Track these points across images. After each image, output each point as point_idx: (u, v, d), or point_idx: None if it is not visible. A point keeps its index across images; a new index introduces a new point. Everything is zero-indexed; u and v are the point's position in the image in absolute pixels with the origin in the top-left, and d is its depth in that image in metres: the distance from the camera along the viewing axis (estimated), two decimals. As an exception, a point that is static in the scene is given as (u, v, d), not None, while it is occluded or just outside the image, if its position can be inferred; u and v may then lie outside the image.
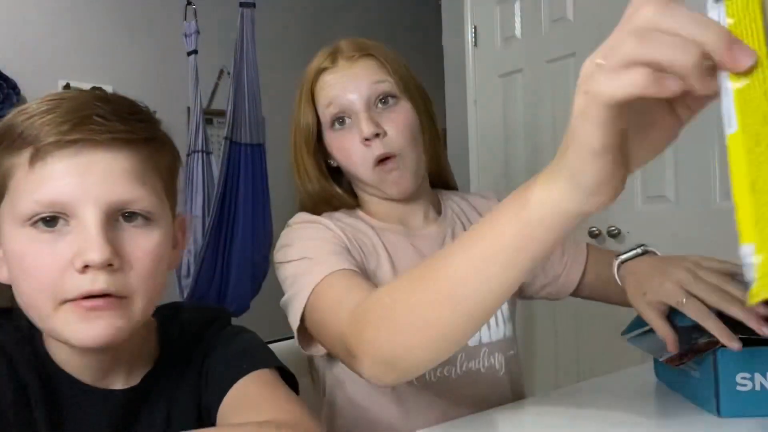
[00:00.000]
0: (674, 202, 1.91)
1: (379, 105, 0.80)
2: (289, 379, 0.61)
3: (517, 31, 2.43)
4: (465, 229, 0.88)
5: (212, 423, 0.57)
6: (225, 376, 0.58)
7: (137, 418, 0.58)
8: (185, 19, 2.50)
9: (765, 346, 0.62)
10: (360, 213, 0.87)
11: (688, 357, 0.64)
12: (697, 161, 1.84)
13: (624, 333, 0.79)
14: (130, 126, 0.53)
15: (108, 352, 0.56)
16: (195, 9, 2.47)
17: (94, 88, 2.82)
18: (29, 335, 0.56)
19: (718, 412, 0.63)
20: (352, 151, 0.80)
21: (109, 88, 2.86)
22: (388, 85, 0.80)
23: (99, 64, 2.87)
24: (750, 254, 0.32)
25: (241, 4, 2.38)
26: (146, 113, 0.58)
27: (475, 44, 2.60)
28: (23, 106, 0.53)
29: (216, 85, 3.12)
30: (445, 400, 0.80)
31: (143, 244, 0.52)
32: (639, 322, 0.75)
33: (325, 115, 0.82)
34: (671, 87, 0.35)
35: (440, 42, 2.78)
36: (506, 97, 2.49)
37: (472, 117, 2.61)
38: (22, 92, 2.67)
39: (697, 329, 0.65)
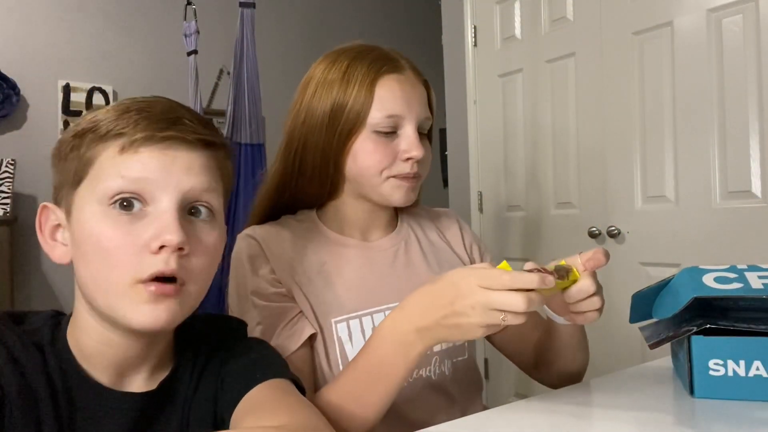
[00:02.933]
0: (674, 202, 1.91)
1: (418, 134, 0.84)
2: (302, 391, 0.63)
3: (517, 31, 2.43)
4: (418, 240, 0.92)
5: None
6: (240, 384, 0.60)
7: (153, 423, 0.59)
8: (185, 19, 2.50)
9: (736, 336, 0.68)
10: (316, 219, 0.88)
11: (665, 341, 0.72)
12: (697, 161, 1.84)
13: (632, 321, 0.81)
14: (210, 131, 0.59)
15: (139, 347, 0.58)
16: (195, 9, 2.47)
17: (93, 88, 2.83)
18: (50, 334, 0.58)
19: (692, 394, 0.70)
20: (384, 158, 0.81)
21: (109, 88, 2.86)
22: (428, 122, 0.86)
23: (99, 64, 2.87)
24: None
25: (241, 4, 2.38)
26: (214, 125, 0.63)
27: (475, 44, 2.60)
28: (106, 107, 0.58)
29: (216, 85, 3.12)
30: (397, 406, 0.78)
31: (206, 237, 0.58)
32: (638, 307, 0.77)
33: (379, 119, 0.80)
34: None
35: (440, 42, 2.78)
36: (506, 97, 2.49)
37: (472, 117, 2.61)
38: (22, 92, 2.67)
39: (677, 322, 0.72)
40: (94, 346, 0.57)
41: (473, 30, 2.60)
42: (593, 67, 2.14)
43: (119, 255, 0.53)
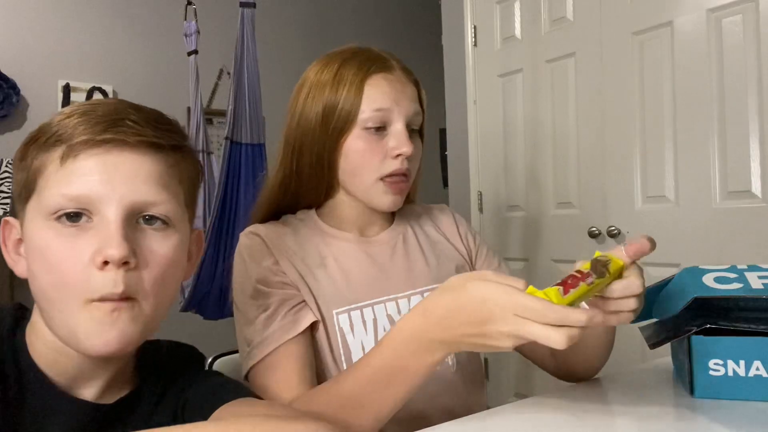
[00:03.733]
0: (674, 202, 1.91)
1: (410, 131, 0.85)
2: None
3: (517, 31, 2.44)
4: (415, 234, 0.93)
5: None
6: (206, 403, 0.58)
7: None
8: (185, 19, 2.50)
9: (736, 336, 0.68)
10: (315, 217, 0.89)
11: (665, 341, 0.72)
12: (697, 161, 1.84)
13: (633, 321, 0.81)
14: (158, 133, 0.55)
15: (93, 363, 0.56)
16: (195, 9, 2.47)
17: (94, 88, 2.83)
18: (10, 329, 0.57)
19: (692, 393, 0.70)
20: (373, 157, 0.83)
21: (109, 88, 2.86)
22: (420, 119, 0.87)
23: (99, 64, 2.87)
24: None
25: (241, 4, 2.38)
26: (174, 124, 0.59)
27: (475, 44, 2.60)
28: (61, 110, 0.56)
29: (216, 85, 3.12)
30: None
31: (160, 247, 0.54)
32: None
33: (369, 115, 0.82)
34: None
35: (440, 42, 2.78)
36: (506, 97, 2.49)
37: (472, 117, 2.61)
38: (22, 92, 2.67)
39: (677, 322, 0.72)
40: (50, 354, 0.56)
41: (473, 30, 2.60)
42: (593, 67, 2.14)
43: (67, 270, 0.51)
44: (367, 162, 0.83)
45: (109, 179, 0.52)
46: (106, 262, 0.50)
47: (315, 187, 0.87)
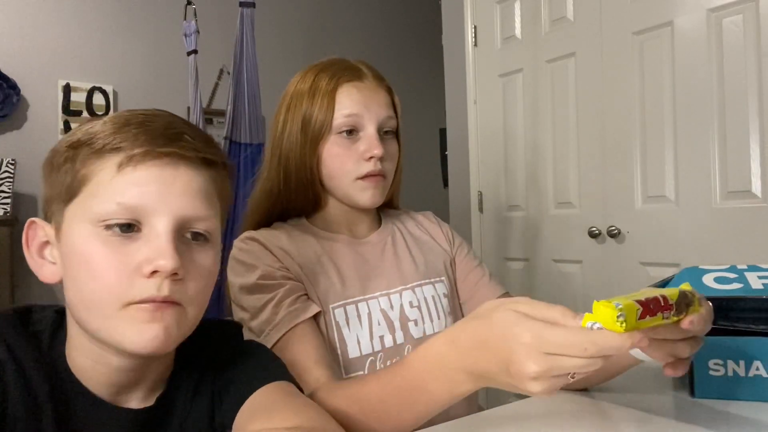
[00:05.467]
0: (674, 202, 1.91)
1: (383, 135, 0.90)
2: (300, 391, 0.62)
3: (517, 31, 2.43)
4: (402, 235, 0.99)
5: None
6: (241, 389, 0.59)
7: None
8: (185, 19, 2.50)
9: (736, 336, 0.68)
10: (306, 223, 0.93)
11: None
12: (697, 161, 1.84)
13: None
14: (211, 149, 0.57)
15: (136, 369, 0.56)
16: (195, 9, 2.47)
17: (94, 88, 2.83)
18: (49, 342, 0.56)
19: (692, 394, 0.70)
20: (349, 160, 0.88)
21: (109, 88, 2.86)
22: (394, 122, 0.92)
23: (99, 64, 2.87)
24: None
25: (241, 4, 2.38)
26: (217, 143, 0.61)
27: (475, 44, 2.60)
28: (103, 118, 0.56)
29: (216, 85, 3.12)
30: None
31: (202, 260, 0.56)
32: None
33: (341, 122, 0.87)
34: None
35: (440, 42, 2.78)
36: (506, 97, 2.49)
37: (472, 117, 2.61)
38: (22, 92, 2.67)
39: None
40: (90, 365, 0.56)
41: (473, 30, 2.60)
42: (593, 67, 2.13)
43: (109, 276, 0.51)
44: (344, 165, 0.88)
45: (164, 192, 0.53)
46: (154, 272, 0.51)
47: (304, 197, 0.91)
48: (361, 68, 0.92)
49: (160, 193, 0.53)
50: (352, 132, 0.88)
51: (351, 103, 0.87)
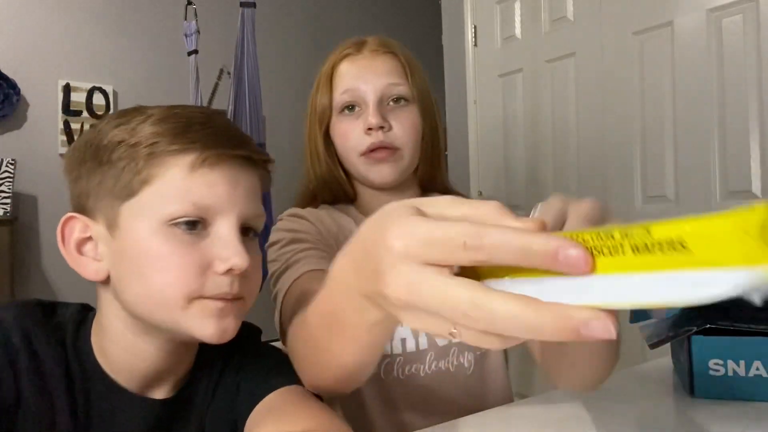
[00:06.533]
0: (674, 201, 1.91)
1: (391, 103, 0.85)
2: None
3: (517, 31, 2.44)
4: None
5: None
6: (256, 390, 0.60)
7: (170, 429, 0.59)
8: (185, 19, 2.50)
9: (736, 336, 0.68)
10: (353, 210, 0.90)
11: (665, 341, 0.71)
12: (697, 161, 1.84)
13: (632, 321, 0.81)
14: (260, 150, 0.59)
15: (170, 360, 0.58)
16: (195, 9, 2.47)
17: (94, 88, 2.83)
18: (74, 334, 0.57)
19: (692, 394, 0.70)
20: (351, 136, 0.84)
21: (109, 88, 2.86)
22: (403, 89, 0.85)
23: (99, 64, 2.87)
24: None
25: (241, 4, 2.38)
26: None
27: (475, 44, 2.60)
28: (146, 113, 0.55)
29: (216, 85, 3.12)
30: (414, 398, 0.81)
31: (257, 254, 0.58)
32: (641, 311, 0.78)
33: (338, 100, 0.85)
34: None
35: (440, 42, 2.78)
36: (506, 97, 2.49)
37: (472, 117, 2.61)
38: (22, 92, 2.67)
39: (677, 322, 0.71)
40: (121, 355, 0.56)
41: (473, 30, 2.60)
42: (593, 67, 2.14)
43: (180, 273, 0.52)
44: (347, 141, 0.85)
45: (233, 192, 0.55)
46: (228, 270, 0.53)
47: (329, 185, 0.88)
48: (365, 40, 0.88)
49: (228, 194, 0.54)
50: (353, 108, 0.84)
51: (347, 78, 0.85)
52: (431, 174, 0.91)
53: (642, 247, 0.26)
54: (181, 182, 0.53)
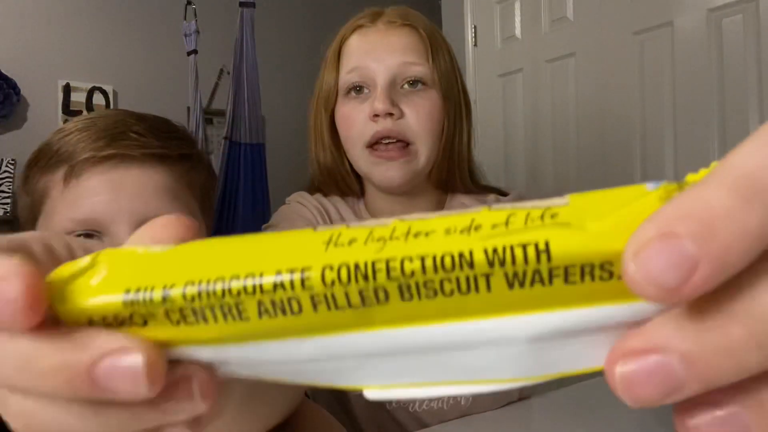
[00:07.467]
0: (674, 202, 1.91)
1: (406, 86, 0.71)
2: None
3: (517, 31, 2.43)
4: None
5: None
6: None
7: None
8: (185, 18, 2.50)
9: None
10: (362, 208, 0.79)
11: None
12: (697, 161, 1.84)
13: None
14: (164, 143, 0.52)
15: None
16: (195, 9, 2.46)
17: (94, 88, 2.83)
18: None
19: None
20: (355, 122, 0.70)
21: (109, 88, 2.86)
22: (421, 69, 0.71)
23: (99, 64, 2.87)
24: None
25: (241, 4, 2.38)
26: (181, 131, 0.57)
27: (475, 44, 2.60)
28: (61, 127, 0.53)
29: (216, 85, 3.12)
30: (410, 428, 0.73)
31: None
32: None
33: (344, 80, 0.72)
34: None
35: (440, 42, 2.78)
36: (506, 97, 2.49)
37: (472, 117, 2.61)
38: (22, 92, 2.67)
39: None
40: None
41: (473, 30, 2.60)
42: (593, 67, 2.13)
43: None
44: (350, 129, 0.71)
45: (115, 198, 0.49)
46: None
47: (334, 178, 0.77)
48: (381, 11, 0.75)
49: (110, 200, 0.49)
50: (361, 89, 0.71)
51: (354, 55, 0.72)
52: (450, 173, 0.78)
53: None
54: (59, 198, 0.50)
